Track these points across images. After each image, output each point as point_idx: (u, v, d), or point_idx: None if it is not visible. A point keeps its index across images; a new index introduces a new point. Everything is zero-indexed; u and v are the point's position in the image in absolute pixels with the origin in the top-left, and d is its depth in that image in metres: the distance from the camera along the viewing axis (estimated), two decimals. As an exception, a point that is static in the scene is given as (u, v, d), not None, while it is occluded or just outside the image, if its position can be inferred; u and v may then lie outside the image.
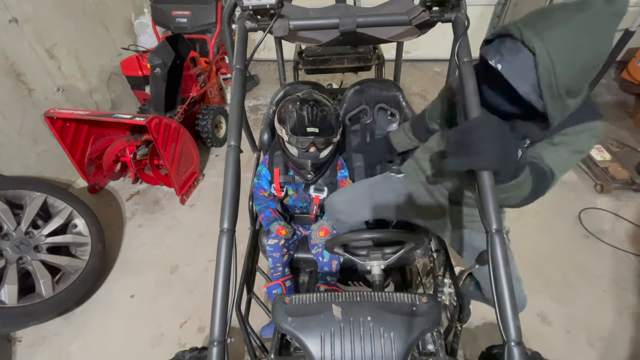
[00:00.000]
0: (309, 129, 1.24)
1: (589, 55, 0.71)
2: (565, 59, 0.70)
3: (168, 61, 2.29)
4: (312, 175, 1.34)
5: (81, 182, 2.55)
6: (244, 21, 1.00)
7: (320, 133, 1.25)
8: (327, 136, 1.27)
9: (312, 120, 1.24)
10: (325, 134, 1.27)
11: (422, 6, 0.91)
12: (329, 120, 1.27)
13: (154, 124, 2.04)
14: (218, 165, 2.81)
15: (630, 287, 1.78)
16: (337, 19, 0.96)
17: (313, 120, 1.24)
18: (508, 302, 0.71)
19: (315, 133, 1.25)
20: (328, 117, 1.27)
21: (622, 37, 2.41)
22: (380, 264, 1.06)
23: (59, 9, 2.41)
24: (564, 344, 1.58)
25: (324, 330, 0.83)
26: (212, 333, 0.79)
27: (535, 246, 2.01)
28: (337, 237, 1.06)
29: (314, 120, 1.24)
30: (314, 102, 1.27)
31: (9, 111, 2.09)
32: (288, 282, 1.45)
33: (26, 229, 1.74)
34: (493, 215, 0.75)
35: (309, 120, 1.24)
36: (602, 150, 2.46)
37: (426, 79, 3.91)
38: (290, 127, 1.26)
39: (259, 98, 3.73)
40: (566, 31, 0.70)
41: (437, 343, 0.97)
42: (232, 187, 0.87)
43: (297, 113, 1.25)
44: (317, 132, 1.25)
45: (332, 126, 1.28)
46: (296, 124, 1.25)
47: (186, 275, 1.99)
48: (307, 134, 1.25)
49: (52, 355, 1.68)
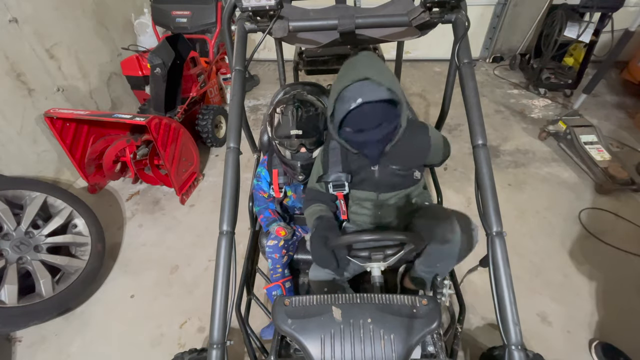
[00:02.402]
0: (292, 131, 1.24)
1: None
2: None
3: (168, 61, 2.29)
4: (303, 177, 1.34)
5: (81, 182, 2.55)
6: (244, 22, 0.99)
7: (304, 135, 1.25)
8: (311, 137, 1.26)
9: (297, 121, 1.24)
10: (310, 135, 1.26)
11: (422, 7, 0.91)
12: (313, 121, 1.27)
13: (154, 124, 2.04)
14: (218, 165, 2.81)
15: (630, 287, 1.78)
16: (336, 20, 0.96)
17: (297, 121, 1.24)
18: (508, 305, 0.71)
19: (298, 135, 1.24)
20: (313, 118, 1.27)
21: (622, 37, 2.41)
22: (380, 265, 1.06)
23: (59, 9, 2.40)
24: (564, 344, 1.58)
25: (324, 332, 0.82)
26: (211, 336, 0.79)
27: (535, 246, 2.01)
28: (337, 239, 1.06)
29: (298, 122, 1.24)
30: (299, 103, 1.27)
31: (9, 111, 2.09)
32: (288, 283, 1.45)
33: (26, 229, 1.74)
34: (493, 218, 0.75)
35: (292, 122, 1.24)
36: (602, 150, 2.45)
37: (426, 79, 3.91)
38: (275, 130, 1.27)
39: (259, 98, 3.73)
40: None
41: (437, 345, 0.96)
42: (231, 189, 0.87)
43: (282, 115, 1.26)
44: (301, 134, 1.24)
45: (317, 127, 1.27)
46: (280, 126, 1.26)
47: (186, 275, 1.99)
48: (290, 136, 1.25)
49: (52, 355, 1.68)
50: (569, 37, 3.05)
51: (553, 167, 2.58)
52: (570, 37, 3.04)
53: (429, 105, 3.42)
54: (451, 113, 1.47)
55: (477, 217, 0.85)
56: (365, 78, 0.98)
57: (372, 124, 1.04)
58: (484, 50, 4.21)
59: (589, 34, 2.95)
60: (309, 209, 1.27)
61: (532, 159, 2.68)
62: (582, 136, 2.54)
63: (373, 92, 0.98)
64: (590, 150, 2.45)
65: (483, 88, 3.64)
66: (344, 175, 1.18)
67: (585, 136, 2.54)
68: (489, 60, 4.18)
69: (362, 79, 0.98)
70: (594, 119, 3.00)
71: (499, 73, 3.92)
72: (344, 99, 1.01)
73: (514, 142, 2.86)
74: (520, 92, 3.56)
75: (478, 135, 0.84)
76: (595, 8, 2.73)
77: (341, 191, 1.22)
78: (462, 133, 2.98)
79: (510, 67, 3.99)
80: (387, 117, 1.04)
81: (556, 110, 3.24)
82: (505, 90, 3.61)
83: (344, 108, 1.00)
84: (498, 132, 2.99)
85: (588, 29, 2.92)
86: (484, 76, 3.89)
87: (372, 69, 1.01)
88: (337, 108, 1.04)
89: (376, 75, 0.98)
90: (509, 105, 3.35)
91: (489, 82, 3.76)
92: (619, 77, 3.56)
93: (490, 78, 3.85)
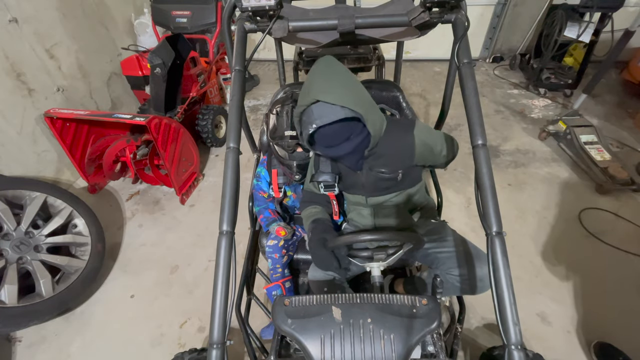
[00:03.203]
0: (287, 132, 1.24)
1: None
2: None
3: (168, 61, 2.29)
4: (299, 176, 1.34)
5: (81, 182, 2.55)
6: (243, 22, 0.99)
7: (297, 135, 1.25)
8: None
9: (291, 122, 1.24)
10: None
11: (422, 7, 0.91)
12: None
13: (154, 124, 2.04)
14: (218, 165, 2.81)
15: (631, 287, 1.78)
16: (336, 20, 0.96)
17: (292, 122, 1.24)
18: (508, 305, 0.71)
19: (293, 136, 1.24)
20: None
21: (622, 37, 2.41)
22: (380, 265, 1.06)
23: (59, 9, 2.40)
24: (564, 344, 1.58)
25: (323, 332, 0.82)
26: (211, 336, 0.79)
27: (535, 246, 2.01)
28: (337, 239, 1.06)
29: (292, 122, 1.24)
30: (294, 103, 1.27)
31: (9, 111, 2.09)
32: (288, 283, 1.45)
33: (26, 229, 1.74)
34: (493, 218, 0.75)
35: (287, 122, 1.25)
36: (602, 150, 2.45)
37: (426, 79, 3.91)
38: (271, 130, 1.28)
39: (259, 98, 3.73)
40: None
41: (437, 345, 0.96)
42: (231, 189, 0.87)
43: (277, 116, 1.26)
44: (295, 135, 1.24)
45: None
46: (276, 127, 1.26)
47: (186, 275, 1.99)
48: (285, 136, 1.25)
49: (52, 355, 1.68)
50: (569, 37, 3.05)
51: (553, 167, 2.58)
52: (570, 37, 3.04)
53: (429, 105, 3.42)
54: (451, 113, 1.47)
55: (477, 217, 0.85)
56: (315, 101, 0.95)
57: (338, 140, 1.04)
58: (484, 50, 4.21)
59: (589, 34, 2.95)
60: (305, 211, 1.28)
61: (532, 159, 2.68)
62: (582, 136, 2.54)
63: (327, 114, 0.95)
64: (590, 150, 2.45)
65: (483, 88, 3.64)
66: (331, 175, 1.19)
67: (585, 136, 2.54)
68: (489, 60, 4.18)
69: (314, 102, 0.96)
70: (594, 119, 3.00)
71: (499, 73, 3.92)
72: (303, 122, 1.02)
73: (514, 142, 2.86)
74: (520, 92, 3.56)
75: (478, 135, 0.84)
76: (595, 8, 2.73)
77: (332, 191, 1.23)
78: (462, 133, 2.98)
79: (510, 67, 3.99)
80: (352, 131, 1.03)
81: (556, 110, 3.24)
82: (505, 90, 3.61)
83: (306, 132, 1.01)
84: (498, 132, 2.99)
85: (588, 29, 2.92)
86: (484, 76, 3.89)
87: (325, 84, 0.96)
88: (302, 130, 1.04)
89: (328, 94, 0.94)
90: (509, 105, 3.35)
91: (489, 82, 3.76)
92: (619, 77, 3.56)
93: (490, 78, 3.85)
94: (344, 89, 0.96)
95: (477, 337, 1.60)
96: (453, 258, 1.09)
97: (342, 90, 0.96)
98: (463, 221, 2.18)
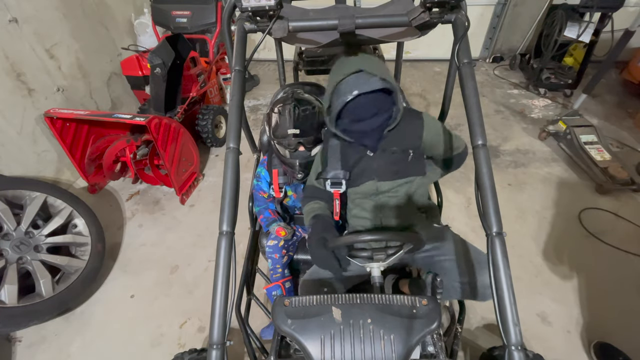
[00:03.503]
0: (290, 131, 1.24)
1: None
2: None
3: (168, 61, 2.29)
4: (302, 175, 1.34)
5: (81, 182, 2.55)
6: (243, 22, 0.99)
7: (301, 134, 1.25)
8: (309, 136, 1.27)
9: (294, 120, 1.24)
10: (308, 133, 1.26)
11: (422, 7, 0.91)
12: (311, 119, 1.27)
13: (154, 124, 2.04)
14: (218, 165, 2.81)
15: (631, 287, 1.78)
16: (336, 20, 0.96)
17: (295, 120, 1.25)
18: (508, 305, 0.71)
19: (296, 134, 1.25)
20: (311, 117, 1.27)
21: (622, 37, 2.41)
22: (380, 266, 1.06)
23: (59, 9, 2.40)
24: (564, 344, 1.58)
25: (323, 333, 0.82)
26: (211, 336, 0.79)
27: (535, 246, 2.01)
28: (337, 240, 1.06)
29: (295, 121, 1.25)
30: (296, 102, 1.27)
31: (9, 111, 2.09)
32: (288, 283, 1.45)
33: (26, 229, 1.74)
34: (493, 218, 0.75)
35: (290, 121, 1.25)
36: (602, 150, 2.45)
37: (426, 79, 3.91)
38: (273, 129, 1.27)
39: (259, 98, 3.73)
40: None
41: (437, 345, 0.96)
42: (231, 189, 0.87)
43: (279, 115, 1.26)
44: (299, 133, 1.25)
45: (315, 125, 1.28)
46: (278, 125, 1.26)
47: (186, 275, 1.99)
48: (287, 135, 1.25)
49: (52, 355, 1.68)
50: (569, 37, 3.05)
51: (553, 167, 2.58)
52: (570, 37, 3.04)
53: (429, 105, 3.42)
54: (451, 113, 1.47)
55: (477, 217, 0.85)
56: (358, 70, 1.03)
57: (368, 113, 1.09)
58: (484, 50, 4.21)
59: (589, 34, 2.95)
60: (306, 206, 1.28)
61: (532, 159, 2.68)
62: (582, 136, 2.54)
63: (367, 83, 1.03)
64: (590, 150, 2.45)
65: (483, 88, 3.64)
66: (342, 172, 1.20)
67: (585, 136, 2.54)
68: (489, 60, 4.18)
69: (356, 72, 1.03)
70: (594, 119, 3.00)
71: (499, 73, 3.92)
72: (339, 91, 1.06)
73: (514, 142, 2.86)
74: (520, 92, 3.56)
75: (478, 135, 0.84)
76: (595, 8, 2.73)
77: (338, 189, 1.22)
78: (462, 133, 2.98)
79: (510, 67, 3.99)
80: (383, 106, 1.10)
81: (556, 110, 3.24)
82: (505, 90, 3.61)
83: (341, 100, 1.05)
84: (498, 132, 2.99)
85: (588, 29, 2.92)
86: (484, 76, 3.89)
87: (364, 61, 1.06)
88: (333, 101, 1.08)
89: (369, 66, 1.04)
90: (509, 105, 3.35)
91: (489, 82, 3.76)
92: (619, 77, 3.56)
93: (490, 78, 3.85)
94: (381, 65, 1.09)
95: (477, 338, 1.60)
96: (455, 265, 1.09)
97: (381, 65, 1.08)
98: (463, 221, 2.18)
